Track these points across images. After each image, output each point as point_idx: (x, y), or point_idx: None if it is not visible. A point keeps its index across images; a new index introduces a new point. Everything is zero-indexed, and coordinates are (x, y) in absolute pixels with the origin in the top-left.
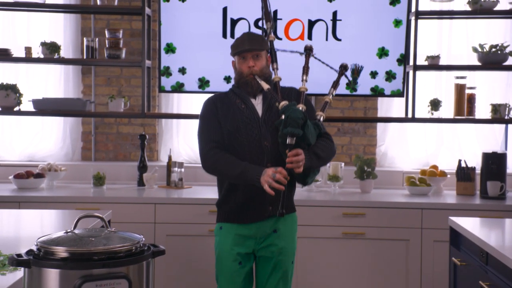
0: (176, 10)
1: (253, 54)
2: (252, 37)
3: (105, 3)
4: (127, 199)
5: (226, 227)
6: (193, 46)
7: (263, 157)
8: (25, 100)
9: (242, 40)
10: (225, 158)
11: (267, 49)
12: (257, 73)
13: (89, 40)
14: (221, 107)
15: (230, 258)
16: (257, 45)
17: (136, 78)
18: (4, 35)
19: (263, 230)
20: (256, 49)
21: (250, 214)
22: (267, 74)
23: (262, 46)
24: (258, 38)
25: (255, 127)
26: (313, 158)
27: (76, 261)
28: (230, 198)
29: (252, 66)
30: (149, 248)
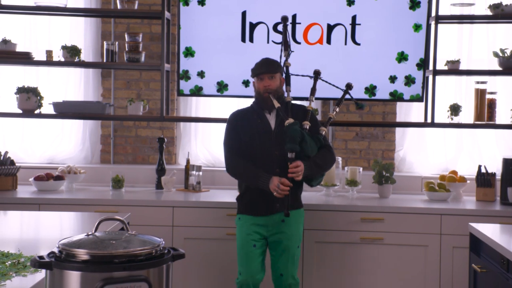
0: (195, 14)
1: (269, 76)
2: (269, 62)
3: (125, 7)
4: (145, 202)
5: (243, 218)
6: (212, 50)
7: (273, 164)
8: (45, 103)
9: (261, 64)
10: (243, 164)
11: (281, 72)
12: (272, 91)
13: (109, 44)
14: (241, 120)
15: (246, 242)
16: (272, 68)
17: (155, 81)
18: (25, 38)
19: (273, 220)
20: (271, 71)
21: (262, 209)
22: (281, 93)
23: (276, 69)
24: (274, 63)
25: (268, 138)
26: (312, 166)
27: (97, 264)
28: (247, 195)
29: (268, 85)
30: (169, 252)
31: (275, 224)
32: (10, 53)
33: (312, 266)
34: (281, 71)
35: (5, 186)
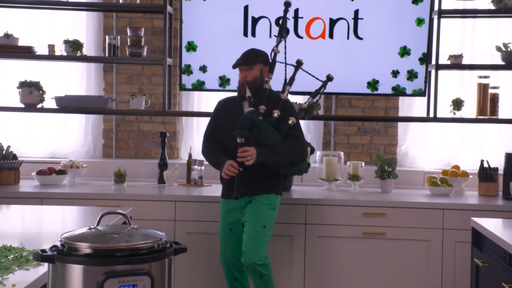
0: (197, 9)
1: (246, 67)
2: (247, 53)
3: (127, 1)
4: (147, 196)
5: (221, 201)
6: (214, 44)
7: (236, 150)
8: (48, 98)
9: (240, 56)
10: (210, 148)
11: (264, 62)
12: (248, 82)
13: (111, 38)
14: (221, 108)
15: (224, 225)
16: (248, 60)
17: (157, 76)
18: (28, 33)
19: (241, 203)
20: (247, 63)
21: (230, 192)
22: (259, 83)
23: (253, 61)
24: (252, 54)
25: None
26: (269, 154)
27: (99, 258)
28: (223, 179)
29: (245, 76)
30: (171, 246)
31: (242, 207)
32: (12, 47)
33: (314, 261)
34: (263, 61)
35: (7, 181)
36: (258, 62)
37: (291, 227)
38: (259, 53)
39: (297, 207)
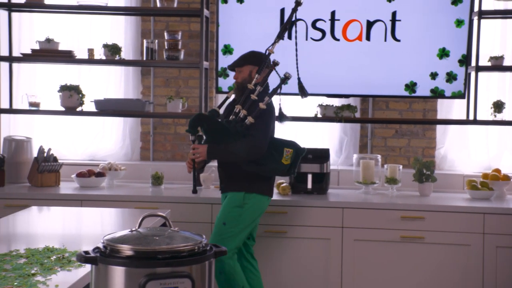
0: (234, 12)
1: (237, 70)
2: (241, 56)
3: (164, 5)
4: (184, 198)
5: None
6: (250, 47)
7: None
8: (87, 101)
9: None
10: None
11: (251, 63)
12: (238, 83)
13: (148, 42)
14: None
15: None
16: (236, 63)
17: (194, 79)
18: (68, 37)
19: (223, 198)
20: (235, 65)
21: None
22: (246, 84)
23: (240, 63)
24: (241, 56)
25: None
26: (217, 151)
27: (141, 260)
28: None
29: (235, 78)
30: (211, 248)
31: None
32: (53, 52)
33: (351, 265)
34: (253, 62)
35: (48, 183)
36: (246, 63)
37: (328, 230)
38: (249, 54)
39: (334, 210)
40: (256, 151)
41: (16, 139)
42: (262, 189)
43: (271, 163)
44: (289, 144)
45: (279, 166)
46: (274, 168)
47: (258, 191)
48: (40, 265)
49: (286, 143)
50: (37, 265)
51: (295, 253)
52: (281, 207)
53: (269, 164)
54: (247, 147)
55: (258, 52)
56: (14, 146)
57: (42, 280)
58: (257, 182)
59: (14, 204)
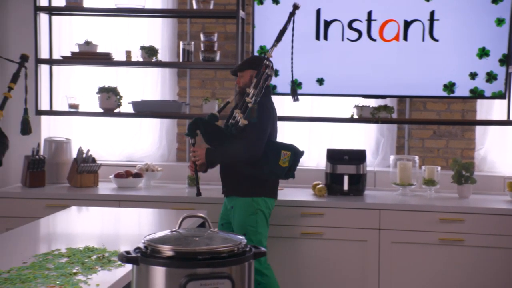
0: (269, 13)
1: (239, 74)
2: (241, 62)
3: (201, 7)
4: (220, 199)
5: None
6: (286, 48)
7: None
8: (124, 102)
9: None
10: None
11: (252, 68)
12: (240, 88)
13: (185, 44)
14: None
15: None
16: (238, 68)
17: (229, 80)
18: (106, 40)
19: (228, 204)
20: (236, 70)
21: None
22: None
23: (241, 68)
24: (243, 61)
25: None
26: (217, 154)
27: (181, 260)
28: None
29: (237, 83)
30: (250, 249)
31: (229, 209)
32: (92, 54)
33: (388, 267)
34: (253, 66)
35: (87, 183)
36: (247, 68)
37: (365, 232)
38: (250, 59)
39: (371, 212)
40: (251, 152)
41: (56, 140)
42: (267, 192)
43: (268, 166)
44: (287, 147)
45: (276, 168)
46: (272, 171)
47: (263, 194)
48: (81, 265)
49: (283, 145)
50: (78, 265)
51: (332, 255)
52: (317, 208)
53: (266, 166)
54: (243, 149)
55: (259, 56)
56: (54, 147)
57: (84, 279)
58: (261, 185)
59: (54, 204)
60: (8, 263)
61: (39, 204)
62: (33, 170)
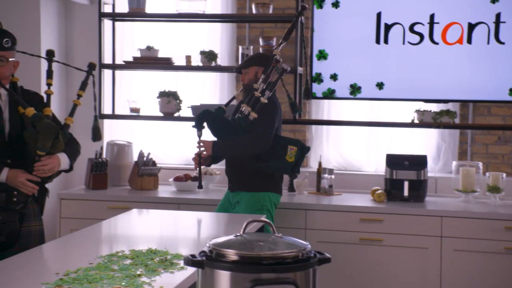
0: (329, 17)
1: (243, 71)
2: (245, 59)
3: (260, 12)
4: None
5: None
6: (345, 52)
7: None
8: (184, 106)
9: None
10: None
11: (256, 64)
12: (245, 85)
13: (244, 48)
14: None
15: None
16: (242, 65)
17: (288, 84)
18: (167, 45)
19: (233, 200)
20: (241, 67)
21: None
22: (253, 85)
23: (245, 64)
24: (247, 58)
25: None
26: (224, 147)
27: (246, 265)
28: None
29: (241, 80)
30: (315, 255)
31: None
32: (153, 59)
33: (451, 275)
34: (258, 63)
35: (148, 186)
36: (251, 65)
37: (426, 239)
38: (255, 56)
39: (432, 219)
40: (259, 146)
41: (118, 144)
42: (272, 187)
43: (275, 160)
44: (294, 142)
45: (283, 163)
46: (278, 165)
47: (269, 189)
48: (144, 266)
49: (290, 140)
50: (142, 266)
51: (391, 262)
52: (376, 214)
53: (272, 160)
54: (251, 141)
55: (263, 53)
56: (116, 150)
57: (148, 281)
58: (266, 181)
59: (116, 206)
60: (75, 263)
61: (101, 206)
62: (96, 173)
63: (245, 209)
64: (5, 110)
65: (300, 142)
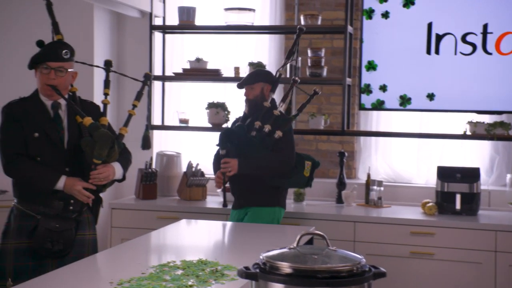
0: (378, 27)
1: (247, 87)
2: (250, 73)
3: (308, 23)
4: (326, 216)
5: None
6: (395, 63)
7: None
8: (232, 117)
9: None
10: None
11: (266, 81)
12: (249, 100)
13: (292, 59)
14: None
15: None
16: (248, 80)
17: (336, 95)
18: (215, 56)
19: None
20: (245, 83)
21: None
22: (260, 101)
23: (252, 80)
24: (253, 74)
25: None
26: (249, 165)
27: (300, 278)
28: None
29: (246, 95)
30: (369, 270)
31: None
32: (202, 71)
33: None
34: (265, 79)
35: (196, 196)
36: (258, 81)
37: (479, 254)
38: (261, 72)
39: (486, 233)
40: (287, 164)
41: (167, 154)
42: (280, 202)
43: (296, 176)
44: (308, 157)
45: (301, 178)
46: (297, 181)
47: (278, 204)
48: (196, 277)
49: (305, 156)
50: (193, 277)
51: (443, 276)
52: (428, 227)
53: (294, 176)
54: (280, 160)
55: (265, 70)
56: (165, 161)
57: None
58: (277, 196)
59: (165, 216)
60: (128, 272)
61: (151, 216)
62: (146, 183)
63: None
64: (64, 119)
65: (312, 157)
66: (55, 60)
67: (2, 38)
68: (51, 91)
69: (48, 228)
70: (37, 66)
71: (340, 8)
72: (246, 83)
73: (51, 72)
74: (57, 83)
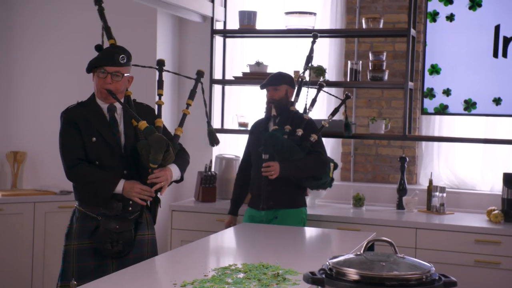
0: (442, 30)
1: (272, 88)
2: (275, 75)
3: (370, 26)
4: (387, 221)
5: (247, 209)
6: (460, 66)
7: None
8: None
9: (267, 78)
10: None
11: (287, 84)
12: (274, 101)
13: (352, 63)
14: (251, 133)
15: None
16: (273, 81)
17: (397, 100)
18: (275, 60)
19: (267, 216)
20: (272, 84)
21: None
22: (284, 103)
23: (278, 82)
24: (278, 76)
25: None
26: (291, 168)
27: (367, 285)
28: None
29: (271, 96)
30: (439, 279)
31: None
32: (262, 74)
33: None
34: (289, 83)
35: None
36: (283, 83)
37: None
38: (285, 75)
39: None
40: (323, 166)
41: (226, 157)
42: (304, 202)
43: (326, 177)
44: (331, 159)
45: (327, 179)
46: (325, 182)
47: (304, 204)
48: (258, 281)
49: (329, 159)
50: (255, 281)
51: (510, 286)
52: (494, 236)
53: (323, 178)
54: (316, 163)
55: (288, 74)
56: (224, 164)
57: None
58: (302, 196)
59: (224, 219)
60: (191, 274)
61: (210, 218)
62: (205, 186)
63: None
64: (121, 123)
65: (333, 159)
66: (112, 65)
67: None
68: (107, 95)
69: (108, 229)
70: (94, 70)
71: (402, 11)
72: (270, 84)
73: (107, 77)
74: (113, 88)
